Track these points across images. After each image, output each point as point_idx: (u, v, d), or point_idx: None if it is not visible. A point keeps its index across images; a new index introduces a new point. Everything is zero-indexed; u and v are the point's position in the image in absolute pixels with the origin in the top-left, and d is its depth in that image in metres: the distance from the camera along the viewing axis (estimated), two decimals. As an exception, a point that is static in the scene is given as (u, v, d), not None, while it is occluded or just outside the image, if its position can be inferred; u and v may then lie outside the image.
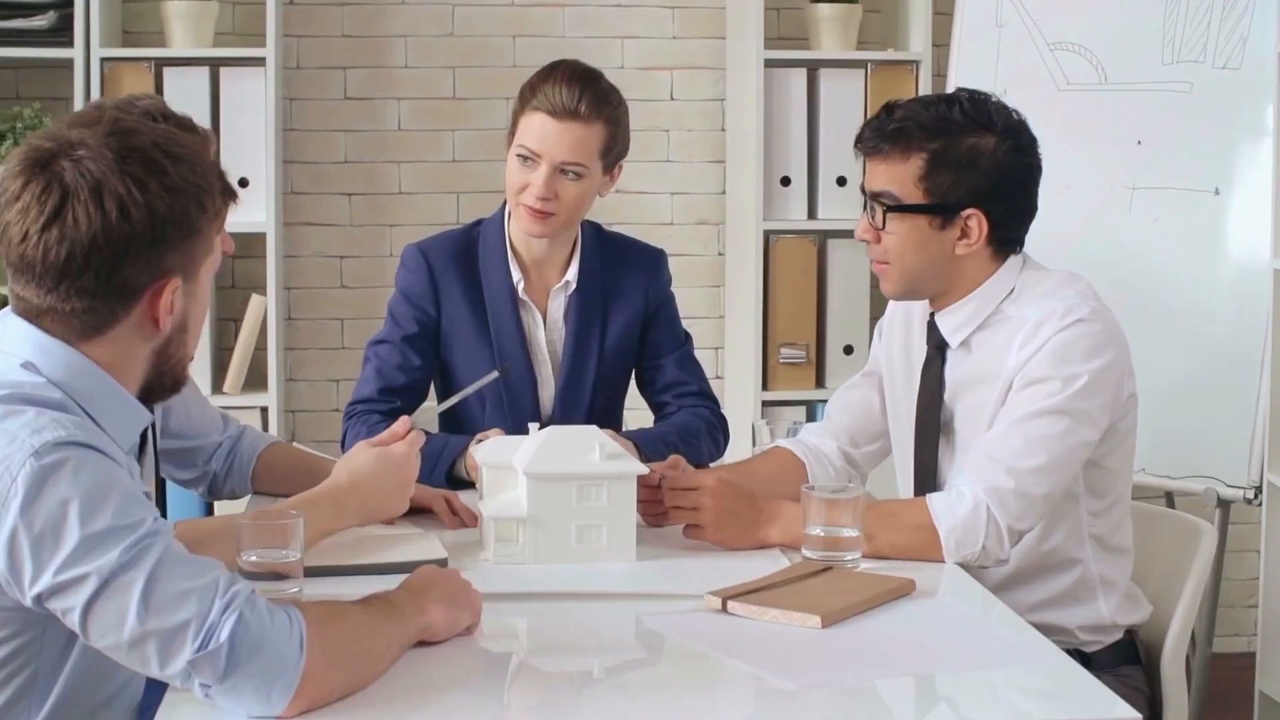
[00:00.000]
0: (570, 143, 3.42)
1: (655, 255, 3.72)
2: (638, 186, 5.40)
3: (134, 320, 2.17)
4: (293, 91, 5.28)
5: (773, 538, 2.92)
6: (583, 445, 2.85)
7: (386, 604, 2.27)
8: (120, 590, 2.01)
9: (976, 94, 3.05)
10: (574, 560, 2.82)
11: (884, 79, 5.01)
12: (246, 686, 2.03)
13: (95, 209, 2.08)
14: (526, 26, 5.36)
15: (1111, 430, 2.97)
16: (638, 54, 5.40)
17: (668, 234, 5.41)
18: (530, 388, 3.58)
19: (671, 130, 5.42)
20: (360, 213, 5.33)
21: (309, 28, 5.28)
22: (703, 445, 3.52)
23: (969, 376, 3.03)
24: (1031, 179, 3.04)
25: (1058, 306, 2.93)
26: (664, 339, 3.68)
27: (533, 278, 3.59)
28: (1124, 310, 3.13)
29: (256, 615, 2.04)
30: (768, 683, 2.27)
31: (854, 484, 3.32)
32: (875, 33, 5.36)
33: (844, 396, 3.36)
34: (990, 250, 3.02)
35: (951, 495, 2.87)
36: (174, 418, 3.20)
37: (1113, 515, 3.05)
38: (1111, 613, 3.04)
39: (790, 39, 5.33)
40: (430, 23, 5.33)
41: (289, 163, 5.27)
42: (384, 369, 3.54)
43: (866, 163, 3.05)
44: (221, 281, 5.20)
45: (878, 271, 3.08)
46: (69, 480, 2.03)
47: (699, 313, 5.44)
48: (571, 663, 2.44)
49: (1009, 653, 2.42)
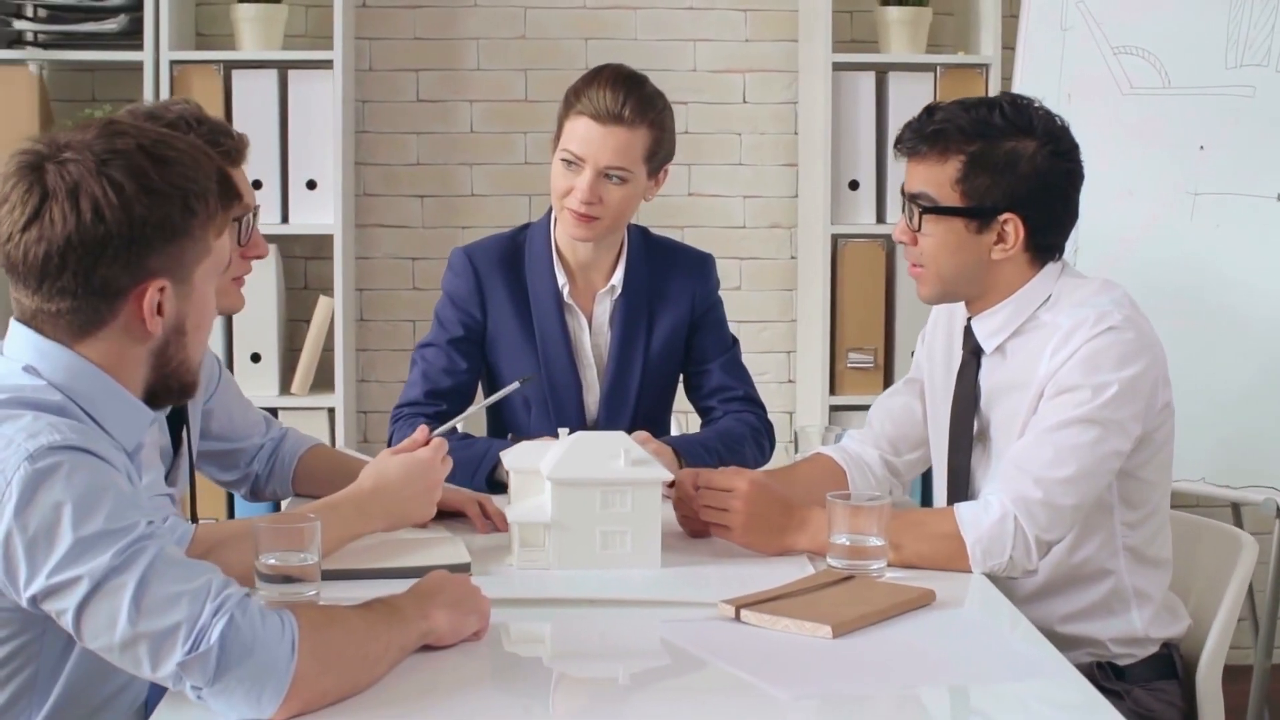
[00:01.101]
0: (614, 147, 3.42)
1: (702, 259, 3.70)
2: (710, 190, 5.40)
3: (122, 322, 2.18)
4: (365, 94, 5.31)
5: (801, 544, 2.90)
6: (608, 451, 2.84)
7: (387, 608, 2.27)
8: (112, 593, 2.03)
9: (1019, 98, 3.02)
10: (598, 566, 2.81)
11: (953, 82, 4.96)
12: (237, 689, 2.03)
13: (71, 210, 2.11)
14: (598, 29, 5.36)
15: (1146, 440, 2.93)
16: (710, 56, 5.39)
17: (740, 237, 5.40)
18: (575, 392, 3.58)
19: (744, 134, 5.41)
20: (432, 215, 5.35)
21: (381, 30, 5.31)
22: (746, 451, 3.51)
23: (1003, 383, 3.00)
24: (1071, 185, 3.00)
25: (1090, 314, 2.89)
26: (710, 344, 3.66)
27: (578, 282, 3.59)
28: (1185, 317, 3.13)
29: (248, 618, 2.05)
30: (764, 694, 2.25)
31: (895, 492, 3.31)
32: (949, 35, 5.32)
33: (886, 403, 3.34)
34: (1028, 256, 2.98)
35: (979, 505, 2.84)
36: (215, 420, 3.23)
37: (1148, 526, 3.00)
38: (1145, 625, 2.99)
39: (861, 42, 5.30)
40: (502, 25, 5.34)
41: (361, 165, 5.31)
42: (430, 372, 3.56)
43: (906, 164, 3.03)
44: (292, 282, 5.25)
45: (913, 275, 3.05)
46: (62, 484, 2.05)
47: (771, 316, 5.43)
48: (576, 668, 2.45)
49: (1020, 667, 2.38)
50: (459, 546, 2.88)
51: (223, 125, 2.91)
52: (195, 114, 2.91)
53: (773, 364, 5.44)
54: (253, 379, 4.97)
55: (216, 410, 3.23)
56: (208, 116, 2.92)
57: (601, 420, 3.58)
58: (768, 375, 5.41)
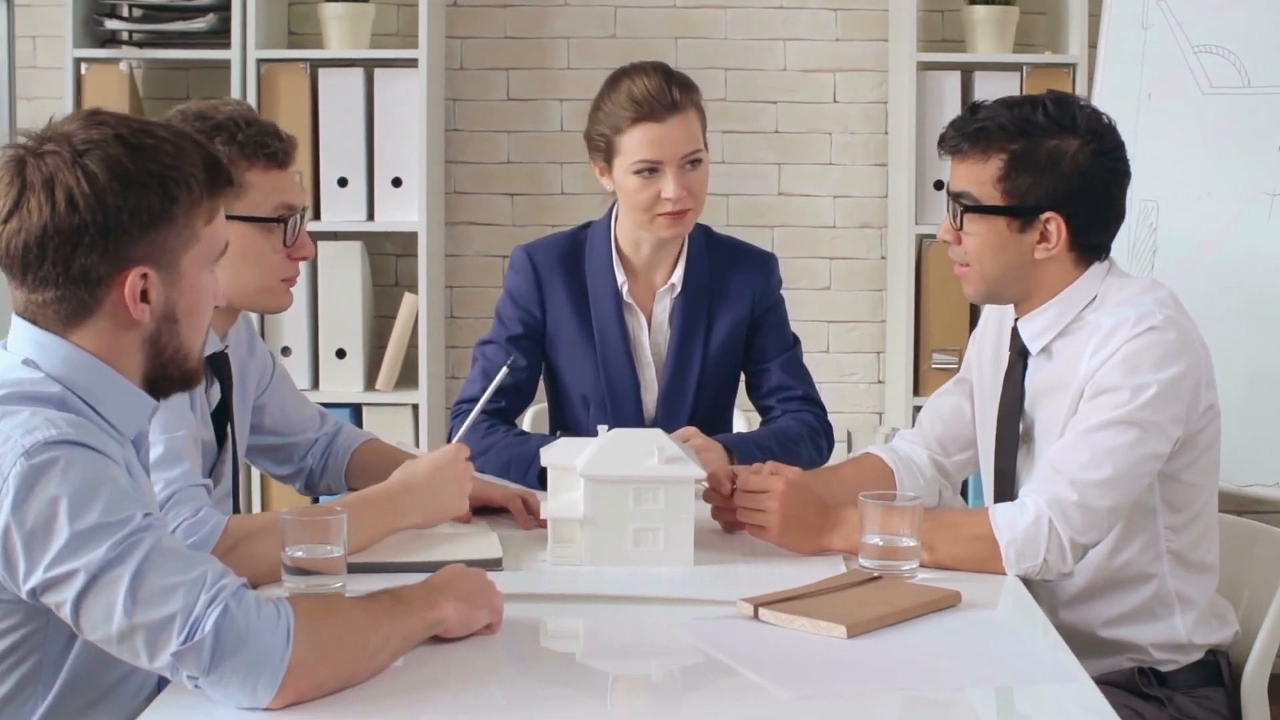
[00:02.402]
0: (683, 134, 3.43)
1: (765, 258, 3.69)
2: (800, 189, 5.39)
3: (108, 310, 2.21)
4: (455, 92, 5.34)
5: (836, 544, 2.88)
6: (642, 448, 2.84)
7: (392, 599, 2.29)
8: (108, 585, 2.06)
9: (1063, 96, 2.98)
10: (630, 563, 2.81)
11: (1040, 82, 4.90)
12: (232, 678, 2.06)
13: (46, 201, 2.14)
14: (688, 28, 5.36)
15: (1189, 443, 2.88)
16: (800, 56, 5.37)
17: (830, 237, 5.39)
18: (633, 391, 3.58)
19: (834, 133, 5.39)
20: (522, 213, 5.38)
21: (472, 29, 5.34)
22: (802, 451, 3.49)
23: (1047, 384, 2.97)
24: (1115, 184, 2.96)
25: (1130, 314, 2.85)
26: (770, 343, 3.65)
27: (639, 280, 3.59)
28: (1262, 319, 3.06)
29: (243, 608, 2.07)
30: (766, 694, 2.24)
31: (945, 493, 3.29)
32: (1040, 35, 5.27)
33: (936, 403, 3.31)
34: (1073, 256, 2.95)
35: (1014, 507, 2.81)
36: (268, 415, 3.27)
37: (1193, 530, 2.95)
38: (1188, 631, 2.95)
39: (951, 41, 5.27)
40: (592, 24, 5.36)
41: (451, 163, 5.34)
42: (490, 369, 3.57)
43: (950, 163, 3.01)
44: (382, 279, 5.30)
45: (959, 274, 3.03)
46: (59, 479, 2.08)
47: (861, 316, 5.41)
48: (581, 662, 2.49)
49: (1033, 673, 2.35)
50: (492, 541, 2.89)
51: (271, 127, 2.94)
52: (245, 115, 2.93)
53: (861, 365, 5.42)
54: (338, 375, 5.03)
55: (269, 405, 3.27)
56: (257, 118, 2.95)
57: (660, 419, 3.58)
58: (856, 376, 5.39)
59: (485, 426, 3.50)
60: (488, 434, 3.48)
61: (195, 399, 2.86)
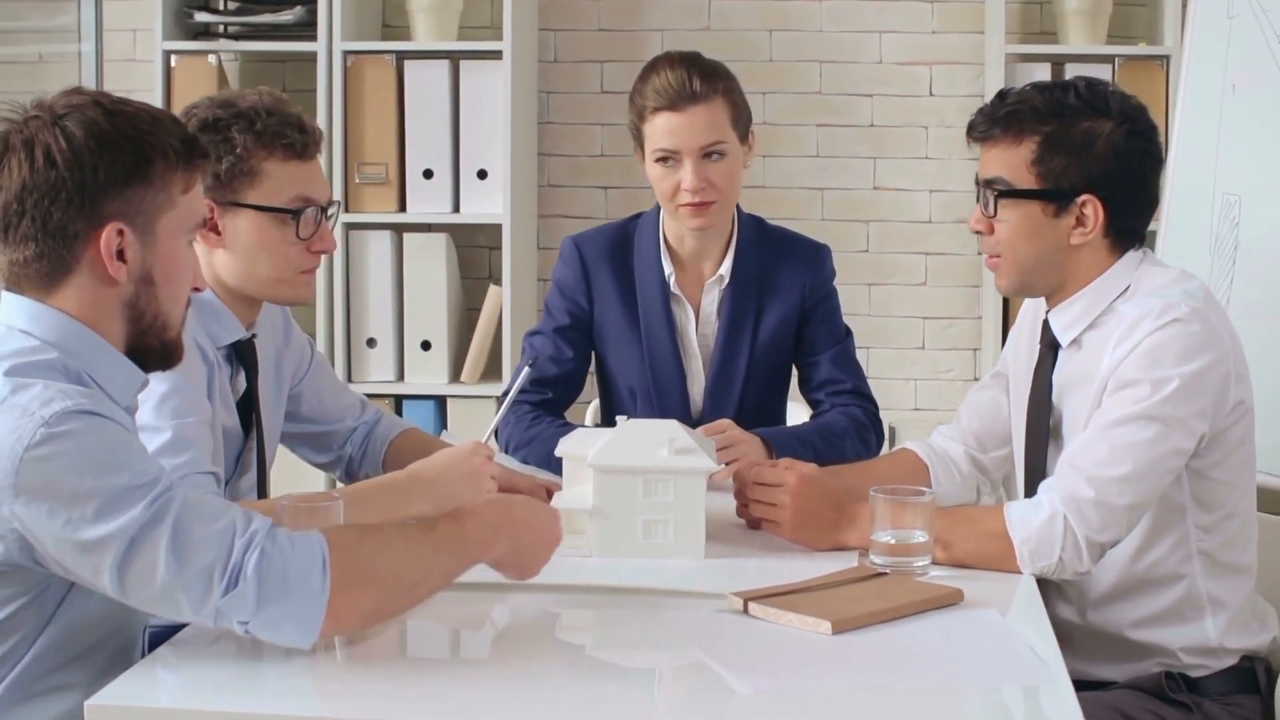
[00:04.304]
0: (702, 125, 3.38)
1: (816, 249, 3.63)
2: (895, 183, 5.33)
3: (86, 268, 2.25)
4: (549, 85, 5.34)
5: (851, 540, 2.83)
6: (654, 439, 2.81)
7: (445, 535, 2.33)
8: (149, 545, 2.11)
9: (1094, 80, 2.91)
10: (640, 555, 2.78)
11: (1132, 73, 4.82)
12: (279, 616, 2.13)
13: (26, 159, 2.22)
14: (782, 20, 5.32)
15: (1218, 439, 2.79)
16: (895, 48, 5.31)
17: (926, 232, 5.32)
18: (679, 382, 3.55)
19: (930, 126, 5.32)
20: (615, 206, 5.36)
21: (565, 21, 5.34)
22: (847, 445, 3.43)
23: (1074, 377, 2.89)
24: (1150, 167, 2.88)
25: (1155, 305, 2.77)
26: (820, 336, 3.59)
27: (686, 271, 3.55)
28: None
29: (278, 547, 2.14)
30: (726, 686, 2.20)
31: (983, 489, 3.22)
32: (1140, 26, 5.16)
33: (974, 398, 3.24)
34: (1108, 242, 2.87)
35: (1030, 503, 2.74)
36: (305, 403, 3.28)
37: (1225, 530, 2.86)
38: (1219, 635, 2.86)
39: (1045, 34, 5.18)
40: (686, 17, 5.33)
41: (544, 155, 5.34)
42: (537, 360, 3.56)
43: (981, 150, 2.94)
44: (474, 271, 5.31)
45: (990, 266, 2.97)
46: (83, 446, 2.12)
47: (956, 313, 5.34)
48: (548, 655, 2.46)
49: (1010, 674, 2.27)
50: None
51: (294, 118, 2.93)
52: (268, 105, 2.94)
53: (957, 361, 5.34)
54: (423, 367, 5.04)
55: (306, 393, 3.28)
56: (281, 108, 2.95)
57: (706, 411, 3.54)
58: (952, 373, 5.32)
59: (530, 418, 3.49)
60: (532, 425, 3.47)
61: (213, 386, 2.88)
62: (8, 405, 2.13)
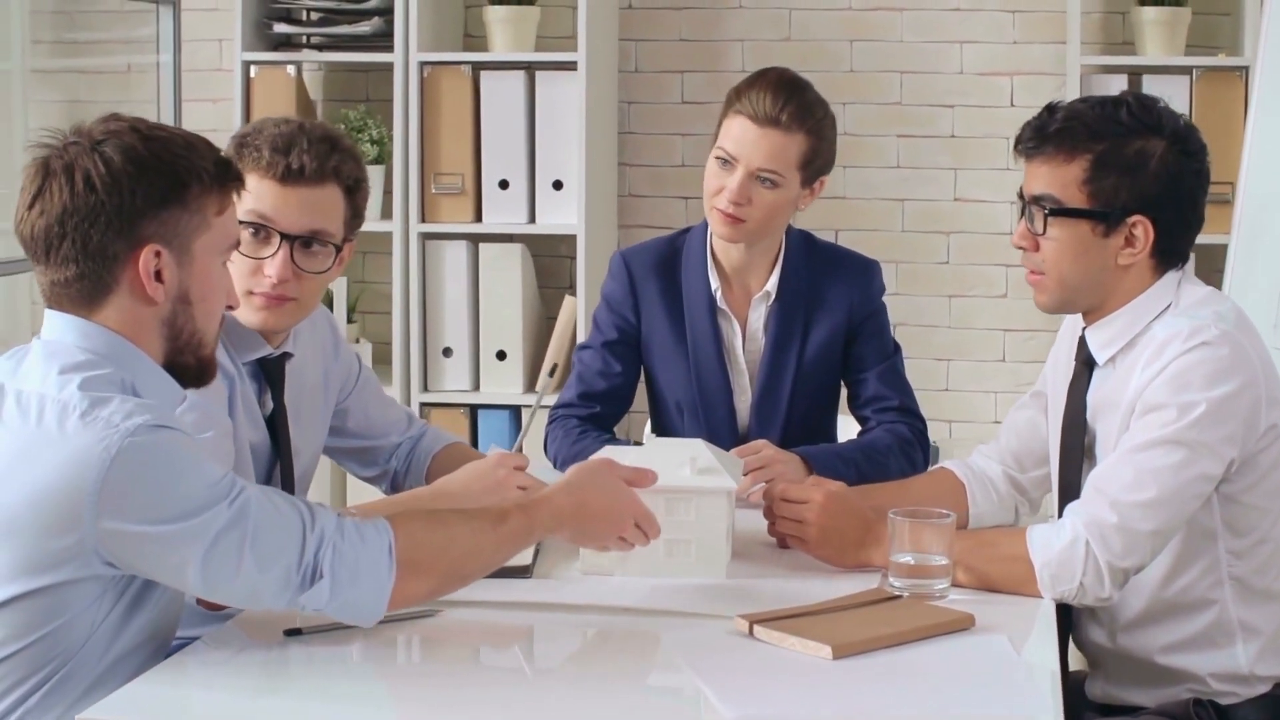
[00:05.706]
0: (768, 150, 3.37)
1: (865, 265, 3.61)
2: (976, 195, 5.30)
3: (126, 288, 2.34)
4: (629, 95, 5.36)
5: (876, 559, 2.82)
6: (677, 459, 2.82)
7: (508, 530, 2.49)
8: (231, 546, 2.25)
9: (1144, 96, 2.87)
10: (663, 574, 2.79)
11: (1210, 85, 4.76)
12: (351, 601, 2.33)
13: (66, 184, 2.30)
14: (863, 30, 5.30)
15: (1249, 464, 2.75)
16: (977, 58, 5.27)
17: (1006, 244, 5.21)
18: (725, 397, 3.54)
19: (1011, 138, 5.24)
20: (696, 216, 5.24)
21: (646, 32, 5.35)
22: (891, 462, 3.40)
23: (1106, 398, 2.86)
24: (1199, 187, 2.84)
25: (1185, 327, 2.73)
26: (868, 352, 3.57)
27: (733, 287, 3.54)
28: None
29: (348, 542, 2.32)
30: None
31: (1021, 510, 3.19)
32: (1223, 37, 5.09)
33: (1013, 417, 3.22)
34: (1153, 262, 2.83)
35: (1053, 527, 2.72)
36: (351, 418, 3.32)
37: (1258, 555, 2.81)
38: (1251, 662, 2.81)
39: (1125, 44, 5.12)
40: (767, 27, 5.33)
41: (625, 165, 5.35)
42: (585, 374, 3.57)
43: (1026, 165, 2.91)
44: (552, 281, 5.33)
45: (1031, 282, 2.93)
46: (162, 457, 2.23)
47: (1037, 325, 5.29)
48: (541, 671, 2.47)
49: (1001, 707, 2.26)
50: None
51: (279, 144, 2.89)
52: (319, 131, 2.93)
53: (1037, 374, 5.25)
54: (498, 377, 5.07)
55: (353, 408, 3.31)
56: (323, 132, 2.93)
57: (753, 427, 3.54)
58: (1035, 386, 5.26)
59: (578, 432, 3.50)
60: (580, 439, 3.48)
61: (235, 400, 2.91)
62: (91, 418, 2.23)
